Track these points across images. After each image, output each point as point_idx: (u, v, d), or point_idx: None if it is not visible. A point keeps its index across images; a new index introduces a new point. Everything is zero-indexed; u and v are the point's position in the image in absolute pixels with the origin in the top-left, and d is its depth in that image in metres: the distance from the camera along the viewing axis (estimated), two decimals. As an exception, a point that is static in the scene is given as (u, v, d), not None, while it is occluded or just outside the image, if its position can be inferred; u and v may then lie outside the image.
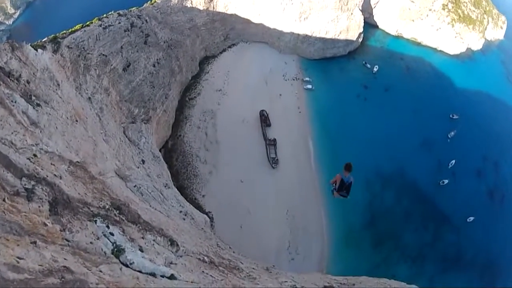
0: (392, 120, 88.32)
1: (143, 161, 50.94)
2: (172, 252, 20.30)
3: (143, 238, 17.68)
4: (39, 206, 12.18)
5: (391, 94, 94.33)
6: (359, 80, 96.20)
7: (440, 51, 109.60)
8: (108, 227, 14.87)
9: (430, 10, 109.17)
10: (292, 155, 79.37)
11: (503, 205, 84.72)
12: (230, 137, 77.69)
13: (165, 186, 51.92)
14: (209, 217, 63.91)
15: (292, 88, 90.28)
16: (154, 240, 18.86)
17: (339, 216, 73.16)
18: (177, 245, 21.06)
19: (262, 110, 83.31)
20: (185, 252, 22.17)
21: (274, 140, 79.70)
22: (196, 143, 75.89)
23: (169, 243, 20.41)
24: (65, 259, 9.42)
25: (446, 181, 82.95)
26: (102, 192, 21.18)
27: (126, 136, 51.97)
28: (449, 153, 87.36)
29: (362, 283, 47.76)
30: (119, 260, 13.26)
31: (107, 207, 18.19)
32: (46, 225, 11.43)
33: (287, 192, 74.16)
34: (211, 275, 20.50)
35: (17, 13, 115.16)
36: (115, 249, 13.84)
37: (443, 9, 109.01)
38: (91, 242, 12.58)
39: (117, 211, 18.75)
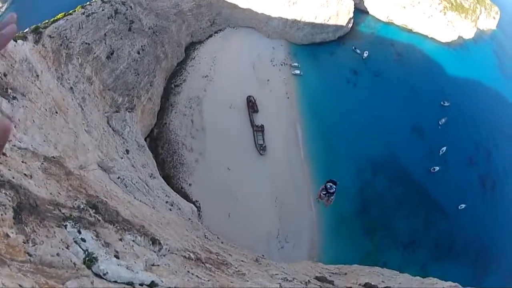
0: (382, 106, 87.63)
1: (128, 151, 49.64)
2: (154, 252, 19.17)
3: (121, 239, 16.47)
4: (1, 215, 10.99)
5: (381, 80, 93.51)
6: (348, 65, 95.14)
7: (431, 38, 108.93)
8: (79, 232, 13.55)
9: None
10: (280, 142, 78.22)
11: (495, 193, 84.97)
12: (216, 124, 76.16)
13: (150, 176, 50.75)
14: (196, 206, 62.92)
15: (280, 74, 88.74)
16: (133, 241, 17.64)
17: (330, 205, 70.71)
18: (160, 243, 19.89)
19: (249, 96, 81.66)
20: (168, 250, 21.07)
21: (262, 126, 78.18)
22: (182, 130, 74.20)
23: (150, 242, 19.21)
24: (19, 285, 8.20)
25: (437, 168, 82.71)
26: (78, 189, 19.94)
27: (110, 126, 50.45)
28: (440, 140, 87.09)
29: (355, 272, 47.63)
30: (92, 271, 12.17)
31: (81, 206, 16.91)
32: (8, 236, 10.27)
33: (276, 179, 73.07)
34: (197, 275, 19.44)
35: (4, 7, 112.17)
36: (87, 258, 12.51)
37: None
38: (57, 254, 11.32)
39: (93, 210, 17.49)
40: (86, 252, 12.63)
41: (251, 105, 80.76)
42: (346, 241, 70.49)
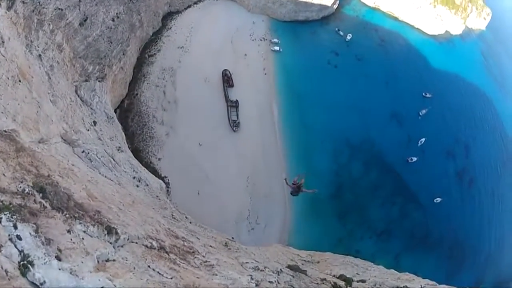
0: (362, 90, 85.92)
1: (95, 123, 46.96)
2: (110, 243, 16.97)
3: (69, 231, 14.15)
4: None
5: (363, 64, 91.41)
6: (330, 46, 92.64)
7: (417, 29, 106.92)
8: (15, 226, 11.31)
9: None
10: (255, 119, 75.90)
11: (471, 190, 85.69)
12: (189, 97, 73.03)
13: (118, 150, 48.24)
14: (165, 182, 60.67)
15: (258, 49, 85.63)
16: (85, 232, 15.38)
17: (304, 185, 69.31)
18: (117, 232, 17.67)
19: (225, 70, 78.53)
20: (128, 239, 18.94)
21: (236, 101, 75.62)
22: (153, 102, 70.88)
23: (105, 232, 17.05)
24: None
25: (414, 159, 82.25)
26: (27, 169, 17.51)
27: (78, 96, 47.34)
28: (419, 130, 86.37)
29: (328, 261, 46.55)
30: (27, 279, 10.04)
31: (26, 190, 14.53)
32: None
33: (248, 158, 71.14)
34: (158, 271, 17.37)
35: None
36: (21, 263, 10.07)
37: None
38: (-15, 259, 9.26)
39: (40, 195, 15.09)
40: (22, 254, 10.46)
41: (227, 79, 77.80)
42: (318, 226, 69.50)
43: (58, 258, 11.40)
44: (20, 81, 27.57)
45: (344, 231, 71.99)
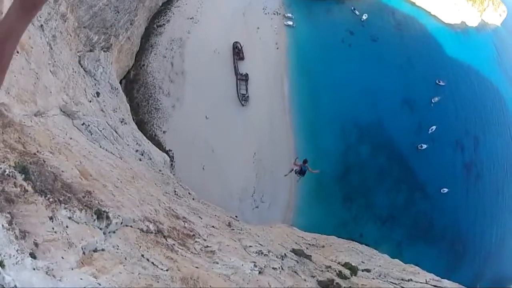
0: (376, 72, 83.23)
1: (98, 94, 45.27)
2: (101, 229, 15.60)
3: (52, 218, 12.67)
4: None
5: (378, 45, 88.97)
6: (345, 25, 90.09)
7: (434, 16, 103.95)
8: (-13, 218, 9.92)
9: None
10: (264, 93, 73.49)
11: (477, 184, 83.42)
12: (198, 69, 70.65)
13: (121, 122, 46.68)
14: (169, 156, 58.73)
15: (271, 23, 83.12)
16: (70, 218, 13.91)
17: (311, 164, 66.94)
18: (108, 217, 16.28)
19: (236, 42, 75.98)
20: (121, 223, 17.60)
21: (246, 75, 73.24)
22: (160, 73, 68.63)
23: (94, 216, 15.59)
24: None
25: (424, 146, 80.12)
26: (12, 146, 15.77)
27: (82, 66, 45.30)
28: (431, 118, 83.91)
29: (333, 246, 45.78)
30: (-3, 283, 8.48)
31: (7, 172, 13.07)
32: None
33: (256, 133, 69.21)
34: (153, 262, 16.02)
35: None
36: None
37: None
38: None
39: (23, 176, 13.57)
40: (-8, 253, 8.96)
41: (237, 52, 75.37)
42: (323, 207, 68.01)
43: (32, 255, 9.87)
44: (18, 52, 25.57)
45: (349, 214, 70.54)
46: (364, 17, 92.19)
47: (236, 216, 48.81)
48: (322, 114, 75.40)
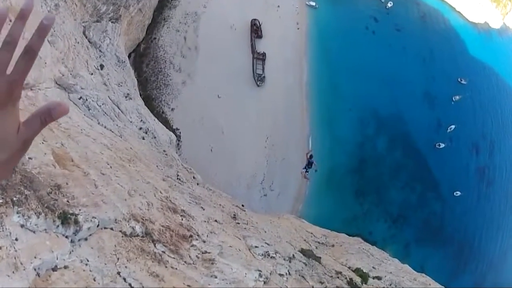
0: (398, 63, 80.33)
1: (102, 66, 41.69)
2: (67, 237, 12.40)
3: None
4: None
5: (402, 35, 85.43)
6: (370, 11, 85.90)
7: (459, 12, 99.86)
8: None
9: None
10: (281, 75, 69.64)
11: (488, 190, 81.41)
12: (212, 44, 66.51)
13: (126, 97, 43.21)
14: (176, 135, 55.14)
15: (293, 2, 77.98)
16: (23, 226, 10.67)
17: (325, 153, 65.96)
18: (77, 221, 12.94)
19: (254, 19, 71.17)
20: (98, 226, 14.34)
21: (264, 54, 68.83)
22: (172, 48, 64.45)
23: (58, 221, 12.24)
24: None
25: (442, 145, 77.67)
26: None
27: (86, 37, 41.78)
28: (450, 116, 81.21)
29: (343, 246, 44.53)
30: None
31: None
32: None
33: (270, 116, 65.58)
34: (130, 283, 12.80)
35: None
36: None
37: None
38: None
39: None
40: None
41: (255, 29, 70.73)
42: (334, 200, 65.42)
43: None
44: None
45: (360, 210, 68.50)
46: (390, 4, 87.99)
47: (243, 205, 45.87)
48: (340, 102, 72.03)
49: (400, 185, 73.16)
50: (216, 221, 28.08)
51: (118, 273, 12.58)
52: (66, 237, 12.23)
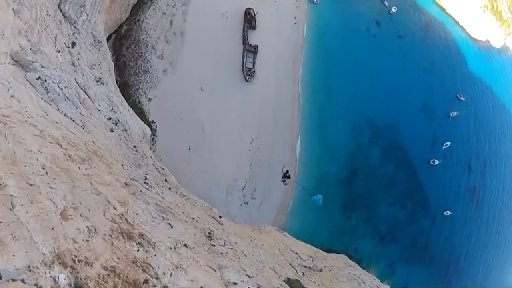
0: (398, 70, 77.47)
1: (74, 44, 35.93)
2: None
3: None
4: None
5: (403, 42, 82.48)
6: (372, 14, 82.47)
7: (462, 27, 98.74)
8: None
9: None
10: (273, 71, 64.65)
11: (478, 210, 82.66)
12: (200, 31, 61.16)
13: (97, 82, 37.47)
14: (151, 128, 50.38)
15: (292, -6, 72.26)
16: None
17: (315, 162, 63.18)
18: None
19: (249, 8, 65.86)
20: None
21: (256, 47, 63.73)
22: (156, 31, 58.90)
23: None
24: None
25: (437, 162, 76.20)
26: None
27: (61, 11, 36.62)
28: (447, 132, 79.98)
29: (332, 271, 47.36)
30: None
31: None
32: None
33: (257, 116, 60.47)
34: None
35: None
36: None
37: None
38: None
39: None
40: None
41: (249, 19, 65.51)
42: (321, 214, 61.96)
43: None
44: None
45: (348, 224, 66.03)
46: (394, 9, 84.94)
47: (220, 217, 41.45)
48: (334, 105, 68.04)
49: (391, 201, 70.65)
50: (186, 245, 22.93)
51: None
52: None
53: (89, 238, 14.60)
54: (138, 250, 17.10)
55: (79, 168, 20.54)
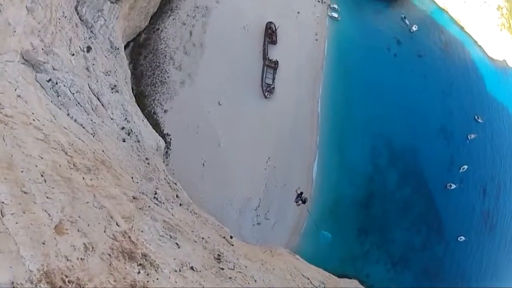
0: (418, 90, 76.26)
1: (89, 49, 35.20)
2: None
3: None
4: None
5: (423, 62, 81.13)
6: (393, 32, 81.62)
7: (480, 46, 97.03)
8: None
9: (485, 2, 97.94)
10: (293, 88, 63.84)
11: (491, 236, 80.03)
12: (220, 44, 60.39)
13: (112, 89, 36.61)
14: (165, 141, 49.54)
15: (314, 10, 72.07)
16: None
17: (332, 184, 61.82)
18: None
19: (270, 22, 65.08)
20: None
21: (276, 62, 62.51)
22: (175, 41, 58.07)
23: None
24: None
25: (453, 186, 74.38)
26: None
27: (78, 13, 36.36)
28: (464, 155, 78.40)
29: None
30: None
31: None
32: None
33: (275, 133, 59.44)
34: None
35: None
36: None
37: (497, 9, 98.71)
38: None
39: None
40: None
41: (270, 34, 64.48)
42: (335, 237, 60.78)
43: None
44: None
45: (361, 249, 64.39)
46: (414, 28, 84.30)
47: (231, 237, 39.84)
48: (354, 126, 66.98)
49: (406, 225, 69.06)
50: (192, 268, 21.30)
51: None
52: None
53: (85, 257, 13.20)
54: (139, 272, 15.69)
55: (83, 178, 19.14)
